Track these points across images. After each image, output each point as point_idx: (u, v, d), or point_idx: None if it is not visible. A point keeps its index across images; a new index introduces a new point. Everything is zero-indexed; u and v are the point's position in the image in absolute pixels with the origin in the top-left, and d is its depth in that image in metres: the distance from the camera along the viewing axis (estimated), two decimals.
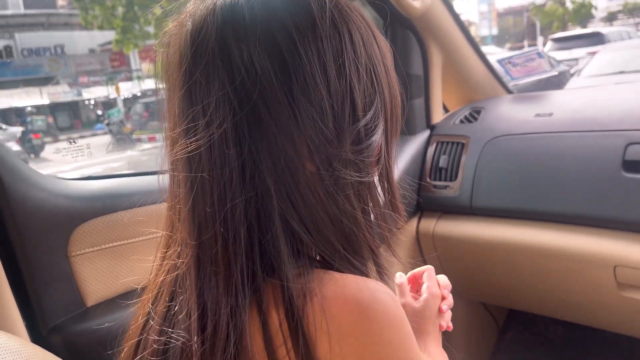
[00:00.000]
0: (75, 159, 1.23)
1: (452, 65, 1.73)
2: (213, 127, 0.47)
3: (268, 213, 0.47)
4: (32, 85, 12.55)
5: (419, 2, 1.45)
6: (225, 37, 0.48)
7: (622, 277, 1.26)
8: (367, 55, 0.52)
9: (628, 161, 1.25)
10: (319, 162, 0.48)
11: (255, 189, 0.47)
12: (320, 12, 0.50)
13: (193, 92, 0.49)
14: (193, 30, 0.50)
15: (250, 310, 0.46)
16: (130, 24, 11.34)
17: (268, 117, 0.47)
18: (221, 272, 0.47)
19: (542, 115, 1.52)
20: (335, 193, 0.49)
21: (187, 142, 0.48)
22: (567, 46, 10.77)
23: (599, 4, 30.74)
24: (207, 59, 0.48)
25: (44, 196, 0.95)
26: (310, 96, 0.47)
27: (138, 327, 0.56)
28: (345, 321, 0.44)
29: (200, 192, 0.48)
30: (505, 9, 36.84)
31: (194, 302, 0.48)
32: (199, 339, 0.46)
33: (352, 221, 0.51)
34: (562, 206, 1.33)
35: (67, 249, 0.97)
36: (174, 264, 0.52)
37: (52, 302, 0.96)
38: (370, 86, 0.52)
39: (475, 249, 1.51)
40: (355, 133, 0.51)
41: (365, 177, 0.52)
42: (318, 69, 0.48)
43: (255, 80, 0.47)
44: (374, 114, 0.52)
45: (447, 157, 1.58)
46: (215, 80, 0.48)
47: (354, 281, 0.46)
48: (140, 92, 12.29)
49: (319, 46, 0.48)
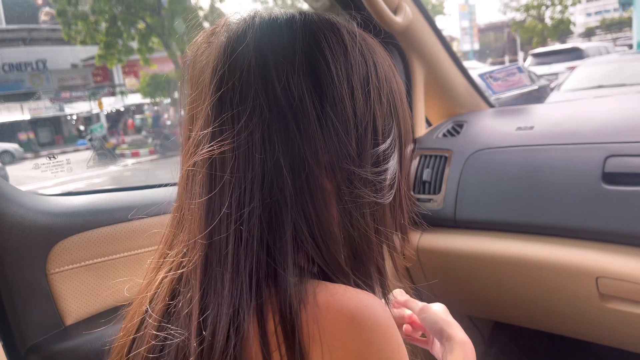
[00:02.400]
0: (54, 174, 1.21)
1: (434, 79, 1.75)
2: (243, 133, 0.49)
3: (281, 221, 0.49)
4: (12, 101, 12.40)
5: (401, 17, 1.47)
6: (263, 51, 0.51)
7: (605, 288, 1.27)
8: (388, 87, 0.57)
9: (607, 173, 1.27)
10: (341, 179, 0.51)
11: (273, 196, 0.49)
12: (351, 41, 0.54)
13: (226, 99, 0.51)
14: (230, 39, 0.53)
15: (252, 314, 0.47)
16: (114, 39, 11.30)
17: (295, 129, 0.49)
18: (228, 274, 0.48)
19: (524, 129, 1.53)
20: (351, 210, 0.52)
21: (214, 144, 0.50)
22: (546, 61, 10.98)
23: (577, 20, 31.46)
24: (244, 68, 0.51)
25: (22, 212, 0.93)
26: (338, 115, 0.51)
27: (133, 325, 0.56)
28: (337, 330, 0.45)
29: (219, 194, 0.50)
30: (486, 25, 37.48)
31: (196, 301, 0.48)
32: (198, 339, 0.47)
33: (365, 240, 0.54)
34: (544, 218, 1.34)
35: (45, 266, 0.95)
36: (179, 263, 0.53)
37: (30, 321, 0.93)
38: (389, 115, 0.56)
39: (460, 262, 1.51)
40: (375, 156, 0.54)
41: (382, 198, 0.55)
42: (347, 90, 0.52)
43: (288, 94, 0.50)
44: (391, 141, 0.56)
45: (430, 171, 1.59)
46: (249, 90, 0.50)
47: (345, 291, 0.48)
48: (123, 107, 12.21)
49: (349, 71, 0.53)
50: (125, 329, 0.58)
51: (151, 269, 0.59)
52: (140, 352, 0.52)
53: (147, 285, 0.58)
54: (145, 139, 10.16)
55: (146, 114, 11.62)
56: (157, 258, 0.58)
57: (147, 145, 9.47)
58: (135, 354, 0.54)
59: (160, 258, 0.57)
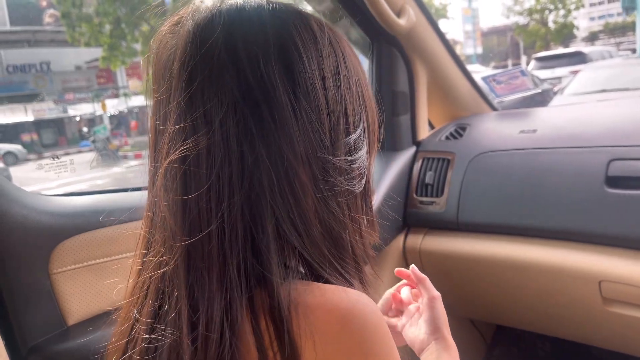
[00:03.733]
0: (58, 175, 1.21)
1: (437, 82, 1.75)
2: (217, 127, 0.48)
3: (262, 214, 0.48)
4: (16, 102, 12.43)
5: (404, 20, 1.47)
6: (233, 40, 0.50)
7: (608, 292, 1.27)
8: (356, 76, 0.57)
9: (611, 177, 1.27)
10: (316, 168, 0.51)
11: (252, 189, 0.48)
12: (320, 30, 0.54)
13: (197, 92, 0.49)
14: (197, 27, 0.51)
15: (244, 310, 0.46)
16: (117, 41, 11.34)
17: (270, 119, 0.48)
18: (215, 269, 0.47)
19: (527, 132, 1.53)
20: (327, 199, 0.52)
21: (189, 141, 0.49)
22: (550, 65, 10.97)
23: (580, 24, 31.45)
24: (214, 60, 0.49)
25: (25, 213, 0.93)
26: (311, 103, 0.50)
27: (124, 331, 0.55)
28: (328, 330, 0.45)
29: (196, 188, 0.48)
30: (489, 29, 37.49)
31: (184, 299, 0.47)
32: (190, 337, 0.46)
33: (342, 227, 0.53)
34: (547, 221, 1.34)
35: (48, 266, 0.95)
36: (158, 263, 0.51)
37: (32, 321, 0.93)
38: (359, 104, 0.56)
39: (462, 265, 1.51)
40: (347, 145, 0.54)
41: (354, 187, 0.56)
42: (319, 79, 0.51)
43: (261, 83, 0.49)
44: (361, 131, 0.56)
45: (433, 173, 1.59)
46: (221, 82, 0.49)
47: (335, 291, 0.47)
48: (126, 109, 12.24)
49: (320, 59, 0.52)
50: (116, 333, 0.57)
51: (134, 271, 0.57)
52: (132, 356, 0.51)
53: (133, 288, 0.56)
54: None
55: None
56: (137, 260, 0.57)
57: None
58: (127, 358, 0.53)
59: (141, 259, 0.56)
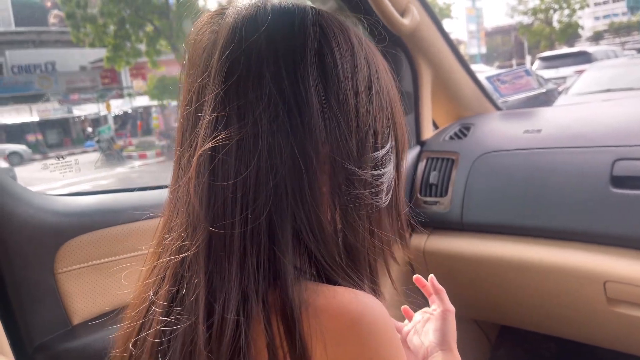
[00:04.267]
0: (63, 174, 1.22)
1: (441, 82, 1.75)
2: (250, 120, 0.49)
3: (282, 211, 0.49)
4: (21, 103, 12.48)
5: (408, 20, 1.47)
6: (274, 39, 0.51)
7: (612, 292, 1.27)
8: (388, 94, 0.57)
9: (616, 177, 1.27)
10: (340, 177, 0.51)
11: (278, 186, 0.49)
12: (358, 44, 0.54)
13: (236, 85, 0.50)
14: (241, 22, 0.52)
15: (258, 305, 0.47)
16: (122, 42, 11.37)
17: (300, 121, 0.49)
18: (235, 259, 0.47)
19: (531, 132, 1.53)
20: (348, 209, 0.52)
21: (222, 131, 0.49)
22: (554, 65, 10.93)
23: (585, 23, 31.34)
24: (254, 56, 0.50)
25: (31, 212, 0.94)
26: (342, 111, 0.51)
27: (141, 311, 0.55)
28: (337, 331, 0.45)
29: (223, 178, 0.49)
30: (493, 28, 37.40)
31: (202, 286, 0.48)
32: (206, 323, 0.46)
33: (358, 239, 0.54)
34: (551, 221, 1.34)
35: (53, 265, 0.96)
36: (179, 247, 0.52)
37: (37, 320, 0.94)
38: (388, 121, 0.57)
39: (466, 265, 1.51)
40: (374, 160, 0.55)
41: (379, 202, 0.56)
42: (351, 89, 0.52)
43: (295, 85, 0.49)
44: (390, 147, 0.57)
45: (437, 173, 1.59)
46: (259, 76, 0.50)
47: (345, 293, 0.48)
48: (131, 110, 12.27)
49: (355, 71, 0.53)
50: (129, 317, 0.57)
51: (151, 254, 0.58)
52: (146, 338, 0.52)
53: (149, 271, 0.57)
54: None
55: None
56: (156, 242, 0.57)
57: (154, 147, 9.50)
58: (141, 340, 0.53)
59: (160, 242, 0.56)
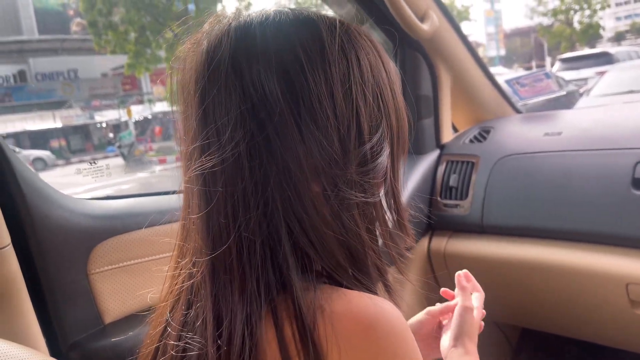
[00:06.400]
0: (95, 179, 1.26)
1: (461, 85, 1.76)
2: (228, 145, 0.49)
3: (276, 228, 0.49)
4: (45, 109, 12.73)
5: (428, 25, 1.48)
6: (238, 58, 0.50)
7: (635, 294, 1.26)
8: (374, 80, 0.54)
9: (638, 179, 1.26)
10: (325, 183, 0.50)
11: (267, 203, 0.49)
12: (330, 38, 0.52)
13: (209, 111, 0.51)
14: (209, 49, 0.52)
15: (267, 319, 0.48)
16: (142, 48, 11.54)
17: (275, 137, 0.49)
18: (236, 282, 0.49)
19: (551, 134, 1.53)
20: (340, 212, 0.51)
21: (203, 159, 0.50)
22: (575, 66, 10.81)
23: (606, 24, 30.86)
24: (222, 78, 0.50)
25: (65, 215, 0.98)
26: (316, 118, 0.49)
27: (156, 334, 0.57)
28: (354, 336, 0.45)
29: (215, 205, 0.50)
30: (512, 30, 37.07)
31: (209, 310, 0.49)
32: (215, 346, 0.48)
33: (357, 240, 0.53)
34: (572, 224, 1.34)
35: (87, 266, 0.99)
36: (190, 273, 0.54)
37: (71, 319, 0.98)
38: (376, 110, 0.54)
39: (487, 268, 1.51)
40: (362, 155, 0.52)
41: (371, 197, 0.54)
42: (325, 92, 0.50)
43: (264, 101, 0.49)
44: (379, 137, 0.54)
45: (457, 176, 1.59)
46: (229, 100, 0.50)
47: (360, 298, 0.48)
48: (151, 115, 12.42)
49: (327, 70, 0.50)
50: (150, 336, 0.59)
51: (169, 277, 0.59)
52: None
53: (167, 293, 0.59)
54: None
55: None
56: (172, 265, 0.59)
57: (174, 152, 9.61)
58: None
59: (176, 265, 0.58)
